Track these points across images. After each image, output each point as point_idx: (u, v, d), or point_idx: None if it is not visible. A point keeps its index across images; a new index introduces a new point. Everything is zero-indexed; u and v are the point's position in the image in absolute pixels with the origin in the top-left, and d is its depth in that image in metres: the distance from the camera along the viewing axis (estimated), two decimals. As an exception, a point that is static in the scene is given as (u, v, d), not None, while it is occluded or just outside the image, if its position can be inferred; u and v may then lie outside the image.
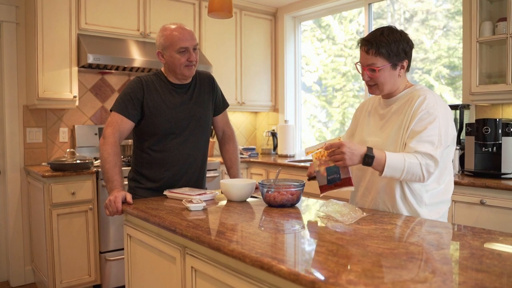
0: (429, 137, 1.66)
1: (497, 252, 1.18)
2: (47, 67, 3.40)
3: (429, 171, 1.65)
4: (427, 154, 1.64)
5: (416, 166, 1.63)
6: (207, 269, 1.41)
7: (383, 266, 1.07)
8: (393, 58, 1.75)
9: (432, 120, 1.68)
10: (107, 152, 2.02)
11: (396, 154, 1.66)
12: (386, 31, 1.77)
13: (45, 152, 3.75)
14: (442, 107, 1.73)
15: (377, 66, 1.75)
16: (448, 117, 1.74)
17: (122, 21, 3.78)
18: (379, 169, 1.66)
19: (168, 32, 2.11)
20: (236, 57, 4.62)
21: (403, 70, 1.81)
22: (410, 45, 1.80)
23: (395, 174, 1.65)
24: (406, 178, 1.67)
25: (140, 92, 2.13)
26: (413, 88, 1.83)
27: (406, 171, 1.63)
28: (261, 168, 4.25)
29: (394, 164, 1.63)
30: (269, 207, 1.82)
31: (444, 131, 1.69)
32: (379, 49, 1.74)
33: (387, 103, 1.89)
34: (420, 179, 1.67)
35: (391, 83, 1.80)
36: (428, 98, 1.73)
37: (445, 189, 1.81)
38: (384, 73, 1.77)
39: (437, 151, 1.65)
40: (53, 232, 3.15)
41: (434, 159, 1.64)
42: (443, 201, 1.80)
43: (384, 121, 1.87)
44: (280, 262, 1.10)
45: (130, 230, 1.91)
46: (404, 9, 4.09)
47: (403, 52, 1.76)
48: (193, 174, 2.28)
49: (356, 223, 1.51)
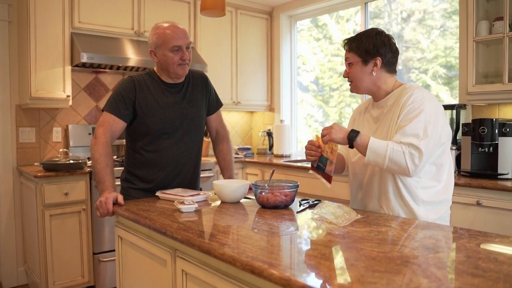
0: (414, 130, 1.64)
1: (494, 256, 1.16)
2: (40, 66, 3.36)
3: (414, 161, 1.61)
4: (410, 144, 1.62)
5: (399, 154, 1.61)
6: (198, 272, 1.38)
7: (376, 270, 1.04)
8: (363, 53, 1.79)
9: (418, 113, 1.66)
10: (99, 153, 1.99)
11: (380, 140, 1.67)
12: (364, 31, 1.84)
13: (38, 152, 3.71)
14: (430, 101, 1.70)
15: (349, 61, 1.82)
16: (438, 112, 1.71)
17: (116, 20, 3.75)
18: (363, 151, 1.67)
19: (161, 30, 2.08)
20: (232, 56, 4.59)
21: (377, 69, 1.80)
22: (386, 43, 1.79)
23: (378, 159, 1.64)
24: (390, 167, 1.64)
25: (132, 91, 2.09)
26: (403, 87, 1.82)
27: (388, 157, 1.62)
28: (257, 168, 4.22)
29: (376, 146, 1.63)
30: (263, 209, 1.79)
31: (432, 125, 1.65)
32: (351, 44, 1.82)
33: (378, 106, 1.88)
34: (405, 170, 1.63)
35: (364, 81, 1.82)
36: (415, 93, 1.72)
37: (445, 188, 1.77)
38: (356, 69, 1.81)
39: (421, 142, 1.62)
40: (46, 233, 3.12)
41: (418, 149, 1.61)
42: (442, 200, 1.77)
43: (378, 124, 1.86)
44: (271, 266, 1.07)
45: (121, 232, 1.88)
46: (401, 8, 4.08)
47: (373, 49, 1.77)
48: (187, 174, 2.25)
49: (350, 225, 1.49)
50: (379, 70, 1.81)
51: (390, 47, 1.81)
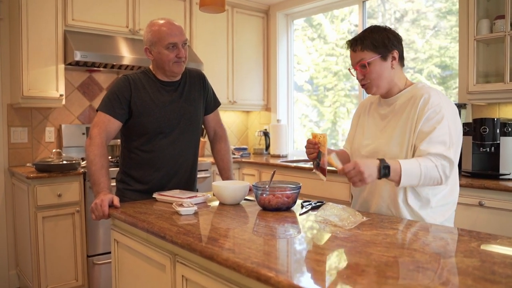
0: (440, 137, 1.59)
1: (509, 260, 1.11)
2: (32, 64, 3.28)
3: (445, 172, 1.57)
4: (440, 155, 1.57)
5: (433, 169, 1.56)
6: (199, 278, 1.32)
7: (389, 277, 0.99)
8: (380, 49, 1.70)
9: (440, 119, 1.61)
10: (94, 154, 1.93)
11: (409, 161, 1.58)
12: (369, 28, 1.76)
13: (31, 153, 3.63)
14: (447, 104, 1.67)
15: (366, 60, 1.70)
16: (455, 114, 1.68)
17: (111, 18, 3.67)
18: (396, 179, 1.56)
19: (156, 27, 2.02)
20: (228, 55, 4.53)
21: (396, 62, 1.73)
22: (397, 37, 1.75)
23: (412, 182, 1.57)
24: (424, 184, 1.59)
25: (127, 90, 2.03)
26: (415, 87, 1.76)
27: (423, 176, 1.56)
28: (253, 168, 4.16)
29: (410, 171, 1.55)
30: (264, 211, 1.74)
31: (454, 129, 1.62)
32: (363, 43, 1.71)
33: (387, 103, 1.81)
34: (438, 182, 1.59)
35: (385, 78, 1.73)
36: (433, 96, 1.66)
37: (451, 190, 1.73)
38: (375, 67, 1.70)
39: (450, 151, 1.58)
40: (39, 236, 3.04)
41: (448, 159, 1.57)
42: (448, 202, 1.73)
43: (386, 121, 1.79)
44: (279, 273, 1.02)
45: (118, 235, 1.81)
46: (395, 9, 4.06)
47: (389, 42, 1.71)
48: (184, 175, 2.19)
49: (356, 228, 1.44)
50: (396, 64, 1.74)
51: (400, 40, 1.77)
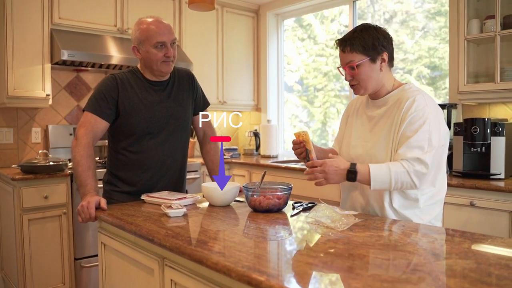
0: (419, 142, 1.59)
1: (504, 262, 1.09)
2: (17, 63, 3.21)
3: (419, 176, 1.58)
4: (415, 158, 1.57)
5: (403, 174, 1.57)
6: (188, 282, 1.28)
7: (384, 280, 0.96)
8: (369, 51, 1.68)
9: (422, 123, 1.61)
10: (80, 154, 1.88)
11: (380, 165, 1.60)
12: (359, 28, 1.73)
13: (16, 154, 3.56)
14: (432, 108, 1.66)
15: (355, 62, 1.68)
16: (439, 117, 1.67)
17: (98, 16, 3.61)
18: (366, 183, 1.61)
19: (145, 25, 1.98)
20: (218, 54, 4.49)
21: (385, 64, 1.72)
22: (387, 37, 1.73)
23: (384, 186, 1.59)
24: (397, 188, 1.60)
25: (114, 90, 1.99)
26: (402, 89, 1.75)
27: (394, 181, 1.57)
28: (244, 169, 4.13)
29: (379, 176, 1.58)
30: (254, 212, 1.71)
31: (436, 133, 1.62)
32: (353, 45, 1.68)
33: (375, 104, 1.80)
34: (412, 186, 1.60)
35: (373, 79, 1.72)
36: (418, 99, 1.66)
37: (439, 190, 1.73)
38: (364, 68, 1.69)
39: (426, 155, 1.58)
40: (24, 238, 2.97)
41: (424, 163, 1.57)
42: (436, 201, 1.73)
43: (373, 123, 1.78)
44: (270, 277, 0.99)
45: (105, 238, 1.77)
46: (384, 9, 4.06)
47: (379, 45, 1.69)
48: (172, 176, 2.15)
49: (349, 230, 1.41)
50: (385, 66, 1.73)
51: (391, 40, 1.75)
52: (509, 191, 2.39)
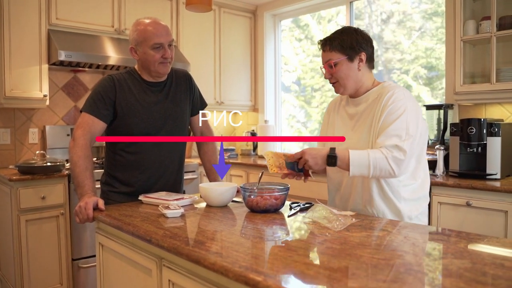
0: (397, 131, 1.64)
1: (499, 261, 1.10)
2: (14, 64, 3.21)
3: (398, 163, 1.61)
4: (393, 145, 1.61)
5: (382, 160, 1.61)
6: (185, 283, 1.29)
7: (380, 280, 0.97)
8: (347, 50, 1.76)
9: (401, 113, 1.66)
10: (77, 155, 1.88)
11: (359, 151, 1.65)
12: (340, 29, 1.82)
13: (13, 154, 3.56)
14: (410, 100, 1.72)
15: (333, 60, 1.77)
16: (417, 111, 1.73)
17: (96, 17, 3.62)
18: (345, 168, 1.64)
19: (142, 26, 1.99)
20: (215, 55, 4.50)
21: (363, 64, 1.79)
22: (366, 39, 1.80)
23: (363, 171, 1.63)
24: (376, 174, 1.63)
25: (112, 91, 1.99)
26: (381, 86, 1.81)
27: (372, 167, 1.61)
28: (241, 169, 4.13)
29: (358, 161, 1.62)
30: (252, 213, 1.71)
31: (413, 123, 1.67)
32: (332, 44, 1.77)
33: (355, 102, 1.86)
34: (391, 173, 1.63)
35: (352, 78, 1.79)
36: (396, 92, 1.72)
37: (421, 185, 1.79)
38: (342, 67, 1.77)
39: (404, 142, 1.62)
40: (22, 239, 2.97)
41: (402, 150, 1.61)
42: (421, 197, 1.79)
43: (355, 121, 1.83)
44: (267, 277, 0.99)
45: (102, 238, 1.77)
46: (381, 10, 4.07)
47: (357, 45, 1.76)
48: (170, 177, 2.16)
49: (346, 230, 1.42)
50: (364, 66, 1.80)
51: (370, 42, 1.82)
52: (505, 191, 2.40)
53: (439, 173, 2.87)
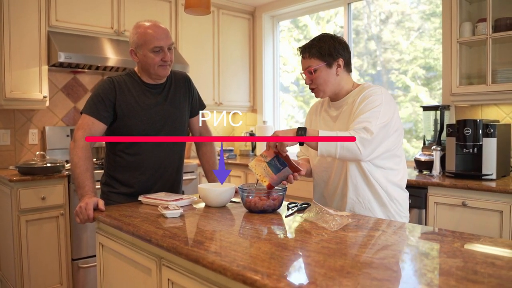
0: (368, 118, 1.70)
1: (490, 260, 1.13)
2: (14, 65, 3.24)
3: (364, 144, 1.66)
4: (361, 128, 1.67)
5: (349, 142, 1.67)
6: (185, 282, 1.31)
7: (374, 278, 1.00)
8: (325, 57, 1.83)
9: (375, 105, 1.73)
10: (78, 156, 1.91)
11: (328, 131, 1.70)
12: (318, 37, 1.89)
13: (13, 155, 3.58)
14: (387, 97, 1.79)
15: (312, 67, 1.84)
16: (394, 107, 1.79)
17: (95, 18, 3.64)
18: (314, 146, 1.70)
19: (142, 29, 2.01)
20: (214, 56, 4.53)
21: (341, 69, 1.86)
22: (343, 45, 1.87)
23: (330, 150, 1.67)
24: (343, 154, 1.67)
25: (112, 93, 2.02)
26: (361, 87, 1.88)
27: (340, 146, 1.66)
28: (240, 170, 4.16)
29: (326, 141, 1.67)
30: (250, 213, 1.74)
31: (387, 115, 1.72)
32: (310, 51, 1.85)
33: (336, 105, 1.92)
34: (357, 153, 1.67)
35: (331, 83, 1.86)
36: (374, 88, 1.80)
37: (402, 179, 1.88)
38: (321, 73, 1.84)
39: (373, 125, 1.67)
40: (22, 239, 3.00)
41: (369, 131, 1.66)
42: (402, 191, 1.89)
43: (337, 122, 1.89)
44: (264, 276, 1.02)
45: (103, 238, 1.80)
46: (380, 10, 4.09)
47: (335, 51, 1.84)
48: (169, 177, 2.18)
49: (342, 230, 1.45)
50: (342, 71, 1.86)
51: (346, 48, 1.89)
52: (500, 191, 2.43)
53: (435, 174, 2.90)
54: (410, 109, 3.84)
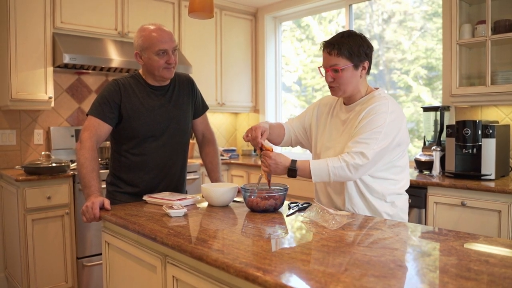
0: (367, 140, 1.70)
1: (484, 258, 1.17)
2: (20, 67, 3.28)
3: (358, 170, 1.70)
4: (358, 152, 1.69)
5: (341, 169, 1.70)
6: (189, 278, 1.36)
7: (371, 275, 1.04)
8: (354, 58, 1.78)
9: (378, 125, 1.71)
10: (84, 157, 1.95)
11: (319, 161, 1.73)
12: (346, 34, 1.81)
13: (19, 155, 3.63)
14: (394, 114, 1.75)
15: (340, 66, 1.78)
16: (399, 122, 1.77)
17: (99, 20, 3.69)
18: (308, 177, 1.74)
19: (147, 33, 2.05)
20: (216, 57, 4.57)
21: (364, 72, 1.83)
22: (370, 47, 1.84)
23: (324, 179, 1.73)
24: (336, 179, 1.73)
25: (117, 95, 2.06)
26: (372, 95, 1.85)
27: (332, 174, 1.70)
28: (242, 170, 4.20)
29: (318, 171, 1.72)
30: (252, 212, 1.78)
31: (389, 136, 1.72)
32: (341, 50, 1.77)
33: (347, 109, 1.90)
34: (349, 177, 1.72)
35: (353, 84, 1.82)
36: (380, 104, 1.76)
37: (401, 187, 1.87)
38: (347, 73, 1.79)
39: (370, 151, 1.68)
40: (28, 238, 3.05)
41: (365, 156, 1.68)
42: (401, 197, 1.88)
43: (344, 126, 1.88)
44: (266, 273, 1.06)
45: (109, 237, 1.84)
46: (382, 10, 4.12)
47: (363, 53, 1.79)
48: (173, 177, 2.23)
49: (341, 229, 1.49)
50: (364, 74, 1.84)
51: (372, 50, 1.86)
52: (498, 191, 2.47)
53: (435, 174, 2.94)
54: (412, 109, 3.88)
